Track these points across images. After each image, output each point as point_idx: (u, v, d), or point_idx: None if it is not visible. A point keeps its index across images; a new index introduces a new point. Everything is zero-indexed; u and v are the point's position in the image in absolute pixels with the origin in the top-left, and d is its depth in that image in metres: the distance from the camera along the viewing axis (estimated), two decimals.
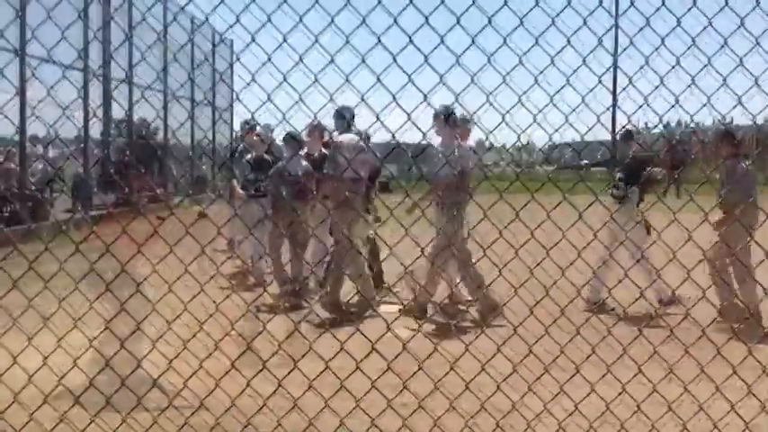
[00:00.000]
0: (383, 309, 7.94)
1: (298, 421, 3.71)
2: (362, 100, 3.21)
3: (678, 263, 3.31)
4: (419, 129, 3.36)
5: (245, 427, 3.67)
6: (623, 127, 7.74)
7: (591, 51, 3.25)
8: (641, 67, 3.24)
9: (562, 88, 3.22)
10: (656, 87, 3.23)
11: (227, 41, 21.94)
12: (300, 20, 3.17)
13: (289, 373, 3.39)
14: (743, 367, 3.60)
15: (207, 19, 3.34)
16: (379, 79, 3.18)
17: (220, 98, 23.06)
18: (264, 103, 3.19)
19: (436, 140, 7.72)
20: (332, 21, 3.20)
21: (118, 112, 19.13)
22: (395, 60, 3.18)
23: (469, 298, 7.99)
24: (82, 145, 16.14)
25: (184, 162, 21.88)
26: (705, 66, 3.22)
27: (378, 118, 3.31)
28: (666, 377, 3.70)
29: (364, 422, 3.64)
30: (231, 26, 3.17)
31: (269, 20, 3.19)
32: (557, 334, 3.59)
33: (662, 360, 3.68)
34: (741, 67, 3.23)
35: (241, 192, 9.63)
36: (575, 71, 3.22)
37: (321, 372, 3.43)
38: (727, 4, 3.20)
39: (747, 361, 3.56)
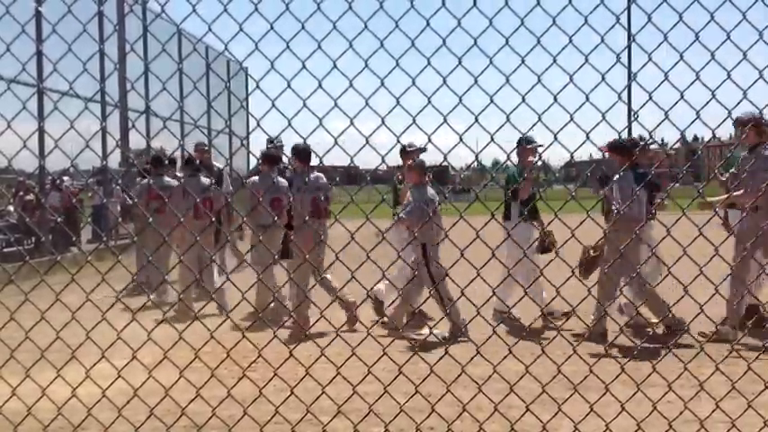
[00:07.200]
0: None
1: None
2: (383, 122, 3.23)
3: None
4: (439, 150, 3.40)
5: None
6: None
7: (608, 70, 3.25)
8: (660, 83, 3.23)
9: (581, 106, 3.22)
10: (676, 103, 3.21)
11: (244, 68, 22.22)
12: (319, 46, 3.20)
13: (316, 399, 3.38)
14: None
15: (226, 47, 3.37)
16: (398, 101, 3.19)
17: (238, 126, 23.21)
18: (285, 128, 3.23)
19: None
20: (350, 45, 3.23)
21: (137, 143, 19.33)
22: (414, 83, 3.19)
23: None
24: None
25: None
26: (725, 80, 3.20)
27: (398, 140, 3.35)
28: (697, 395, 3.65)
29: None
30: (249, 54, 3.22)
31: (287, 47, 3.23)
32: (584, 353, 3.55)
33: (691, 377, 3.63)
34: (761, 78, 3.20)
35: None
36: (594, 89, 3.21)
37: (349, 397, 3.42)
38: (745, 17, 3.18)
39: None
